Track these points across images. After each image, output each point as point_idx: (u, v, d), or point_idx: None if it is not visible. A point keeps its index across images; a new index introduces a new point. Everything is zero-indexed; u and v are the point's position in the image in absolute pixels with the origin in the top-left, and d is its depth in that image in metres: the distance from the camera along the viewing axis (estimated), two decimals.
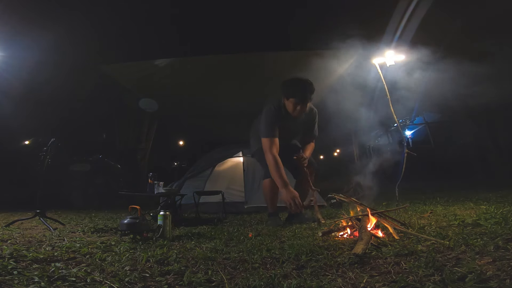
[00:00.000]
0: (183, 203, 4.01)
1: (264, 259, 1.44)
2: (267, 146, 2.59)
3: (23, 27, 3.66)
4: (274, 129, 2.62)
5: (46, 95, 5.33)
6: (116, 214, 4.01)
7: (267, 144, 2.59)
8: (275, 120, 2.64)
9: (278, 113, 2.67)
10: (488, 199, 3.53)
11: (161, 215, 2.14)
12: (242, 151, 5.28)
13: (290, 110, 2.67)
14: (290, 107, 2.66)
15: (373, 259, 1.34)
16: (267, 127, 2.64)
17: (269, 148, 2.57)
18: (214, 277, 1.20)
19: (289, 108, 2.67)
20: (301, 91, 2.61)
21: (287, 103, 2.67)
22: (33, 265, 1.32)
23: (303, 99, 2.61)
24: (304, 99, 2.61)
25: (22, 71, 4.18)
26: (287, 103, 2.67)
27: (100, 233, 2.41)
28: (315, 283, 1.08)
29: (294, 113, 2.66)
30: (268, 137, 2.60)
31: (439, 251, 1.38)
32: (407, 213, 2.80)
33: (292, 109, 2.65)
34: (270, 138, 2.59)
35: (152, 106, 5.82)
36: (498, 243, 1.37)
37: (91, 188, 6.38)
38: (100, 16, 4.34)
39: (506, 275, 1.01)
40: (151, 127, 7.13)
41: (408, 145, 12.24)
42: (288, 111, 2.70)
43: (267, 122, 2.65)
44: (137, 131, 7.01)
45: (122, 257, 1.49)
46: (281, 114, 2.68)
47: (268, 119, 2.66)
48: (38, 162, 2.99)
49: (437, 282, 1.01)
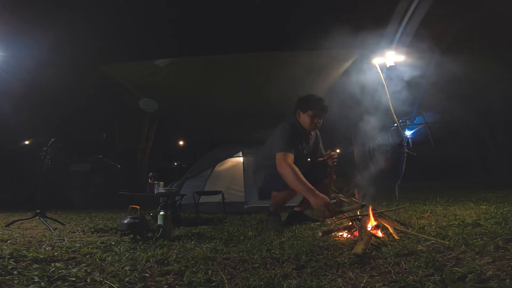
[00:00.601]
0: (183, 203, 4.01)
1: (264, 259, 1.44)
2: (281, 159, 2.41)
3: (23, 27, 3.66)
4: (290, 145, 2.51)
5: (46, 95, 5.32)
6: (116, 214, 4.01)
7: (282, 157, 2.42)
8: (290, 137, 2.58)
9: (293, 130, 2.64)
10: (488, 199, 3.53)
11: (161, 215, 2.15)
12: (242, 151, 5.28)
13: (307, 123, 2.66)
14: (306, 121, 2.66)
15: (373, 259, 1.34)
16: (282, 142, 2.53)
17: (284, 160, 2.39)
18: (214, 277, 1.20)
19: (306, 122, 2.67)
20: (319, 103, 2.67)
21: (303, 118, 2.68)
22: (33, 265, 1.32)
23: (322, 111, 2.66)
24: (322, 111, 2.67)
25: (22, 71, 4.18)
26: (303, 117, 2.68)
27: (100, 233, 2.41)
28: (315, 283, 1.08)
29: (311, 126, 2.67)
30: (283, 151, 2.46)
31: (439, 251, 1.38)
32: (407, 213, 2.80)
33: (309, 123, 2.66)
34: (285, 152, 2.45)
35: (152, 106, 5.81)
36: (498, 243, 1.37)
37: (91, 188, 6.37)
38: (100, 16, 4.34)
39: (506, 275, 1.01)
40: (151, 127, 7.13)
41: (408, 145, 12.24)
42: (303, 128, 2.70)
43: (283, 138, 2.56)
44: (137, 131, 7.00)
45: (122, 257, 1.49)
46: (296, 131, 2.66)
47: (284, 135, 2.57)
48: (38, 162, 2.98)
49: (437, 282, 1.01)
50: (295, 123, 2.71)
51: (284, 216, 2.96)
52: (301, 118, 2.70)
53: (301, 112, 2.70)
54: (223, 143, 6.38)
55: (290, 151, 2.47)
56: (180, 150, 14.26)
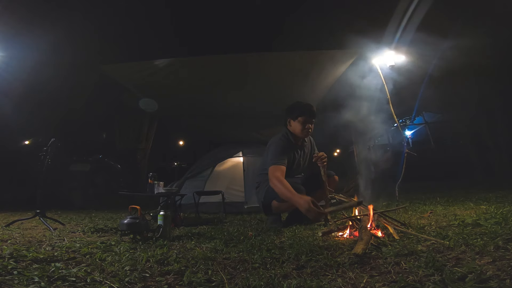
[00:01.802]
0: (183, 203, 4.01)
1: (264, 259, 1.44)
2: (270, 173, 2.41)
3: (23, 27, 3.65)
4: (281, 158, 2.50)
5: (46, 95, 5.32)
6: (116, 214, 4.01)
7: (271, 171, 2.42)
8: (282, 149, 2.57)
9: (285, 142, 2.64)
10: (488, 199, 3.53)
11: (161, 215, 2.15)
12: (242, 151, 5.28)
13: (298, 130, 2.66)
14: (298, 128, 2.66)
15: (373, 259, 1.34)
16: (273, 155, 2.53)
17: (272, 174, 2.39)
18: (214, 277, 1.20)
19: (297, 129, 2.66)
20: (308, 108, 2.67)
21: (294, 125, 2.68)
22: (33, 265, 1.32)
23: (311, 115, 2.65)
24: (312, 115, 2.66)
25: (22, 71, 4.18)
26: (294, 124, 2.68)
27: (100, 233, 2.41)
28: (315, 283, 1.08)
29: (303, 132, 2.66)
30: (274, 164, 2.46)
31: (439, 251, 1.38)
32: (407, 213, 2.80)
33: (300, 129, 2.65)
34: (275, 166, 2.44)
35: (152, 106, 5.82)
36: (498, 243, 1.37)
37: (91, 188, 6.38)
38: (100, 16, 4.34)
39: (506, 275, 1.01)
40: (151, 127, 7.12)
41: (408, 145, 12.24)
42: (295, 137, 2.71)
43: (275, 151, 2.56)
44: (137, 131, 7.00)
45: (122, 257, 1.49)
46: (289, 142, 2.66)
47: (276, 149, 2.57)
48: (38, 162, 2.99)
49: (437, 282, 1.01)
50: (286, 135, 2.72)
51: (284, 216, 2.96)
52: (292, 126, 2.71)
53: (291, 120, 2.71)
54: (223, 143, 6.39)
55: (281, 163, 2.46)
56: (180, 150, 14.26)
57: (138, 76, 4.74)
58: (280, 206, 2.57)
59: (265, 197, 2.64)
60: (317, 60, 4.41)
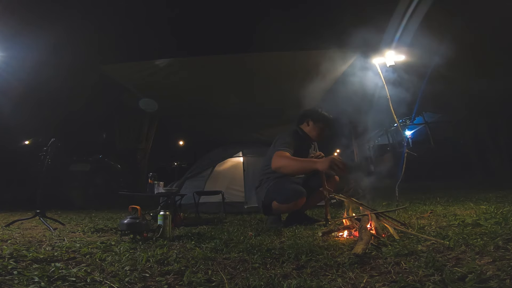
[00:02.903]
0: (183, 203, 4.01)
1: (264, 259, 1.44)
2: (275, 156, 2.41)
3: (23, 27, 3.66)
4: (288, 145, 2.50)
5: (46, 95, 5.32)
6: (116, 214, 4.01)
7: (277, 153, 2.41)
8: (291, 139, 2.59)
9: (294, 136, 2.68)
10: (488, 199, 3.53)
11: (161, 215, 2.15)
12: (242, 151, 5.28)
13: (315, 133, 2.75)
14: (315, 132, 2.75)
15: (373, 259, 1.34)
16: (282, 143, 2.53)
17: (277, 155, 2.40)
18: (214, 277, 1.20)
19: (314, 131, 2.76)
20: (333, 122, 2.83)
21: (312, 127, 2.76)
22: (33, 265, 1.32)
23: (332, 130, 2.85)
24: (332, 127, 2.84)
25: (22, 71, 4.18)
26: (313, 127, 2.76)
27: (100, 233, 2.41)
28: (315, 283, 1.08)
29: (319, 137, 2.77)
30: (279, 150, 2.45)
31: (439, 251, 1.38)
32: (407, 213, 2.80)
33: (317, 134, 2.75)
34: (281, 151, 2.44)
35: (152, 106, 5.82)
36: (498, 243, 1.37)
37: (91, 188, 6.37)
38: (100, 16, 4.34)
39: (506, 275, 1.01)
40: (151, 127, 7.13)
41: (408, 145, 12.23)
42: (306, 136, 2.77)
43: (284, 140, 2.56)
44: (137, 131, 7.01)
45: (122, 257, 1.49)
46: (298, 137, 2.70)
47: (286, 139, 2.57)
48: (38, 162, 2.99)
49: (437, 282, 1.01)
50: (297, 131, 2.77)
51: (284, 216, 2.96)
52: (309, 127, 2.77)
53: (311, 122, 2.76)
54: (223, 143, 6.39)
55: (287, 150, 2.47)
56: (180, 150, 14.25)
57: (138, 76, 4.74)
58: (280, 207, 2.56)
59: (265, 197, 2.64)
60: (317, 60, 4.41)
